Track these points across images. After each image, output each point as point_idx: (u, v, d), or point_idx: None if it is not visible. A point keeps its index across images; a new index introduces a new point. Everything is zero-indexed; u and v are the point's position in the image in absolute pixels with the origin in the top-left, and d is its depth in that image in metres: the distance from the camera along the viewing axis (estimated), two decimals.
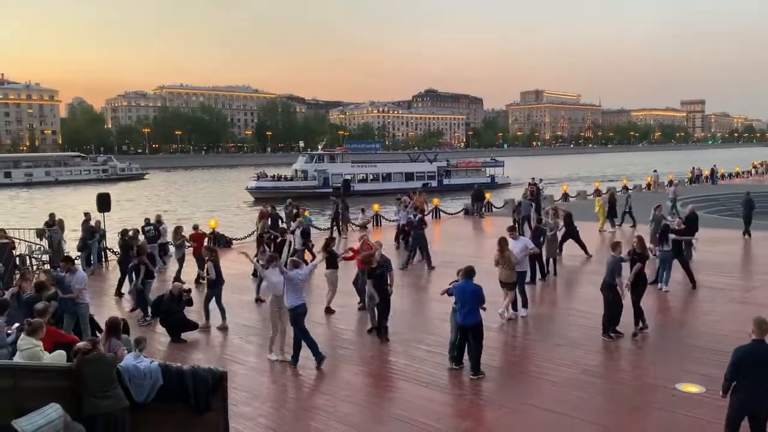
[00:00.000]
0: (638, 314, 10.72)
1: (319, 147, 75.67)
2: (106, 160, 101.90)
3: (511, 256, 11.62)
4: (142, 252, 13.38)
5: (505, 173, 70.97)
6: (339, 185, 58.64)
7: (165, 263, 18.23)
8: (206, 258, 12.62)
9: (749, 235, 20.85)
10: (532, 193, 28.26)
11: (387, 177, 64.25)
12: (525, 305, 12.28)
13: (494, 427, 7.49)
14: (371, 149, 78.34)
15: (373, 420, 7.77)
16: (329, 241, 13.32)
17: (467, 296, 9.06)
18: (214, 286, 12.11)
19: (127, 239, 15.64)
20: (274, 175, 62.84)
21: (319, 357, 9.58)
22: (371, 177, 64.40)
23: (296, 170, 63.60)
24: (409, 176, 64.47)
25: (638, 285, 10.67)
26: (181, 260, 16.81)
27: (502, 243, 11.70)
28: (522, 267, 12.08)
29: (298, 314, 9.54)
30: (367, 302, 11.44)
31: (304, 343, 9.61)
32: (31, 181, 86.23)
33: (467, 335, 9.16)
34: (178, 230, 17.35)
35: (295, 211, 22.26)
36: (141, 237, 16.25)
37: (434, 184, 63.89)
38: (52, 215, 19.41)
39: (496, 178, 69.21)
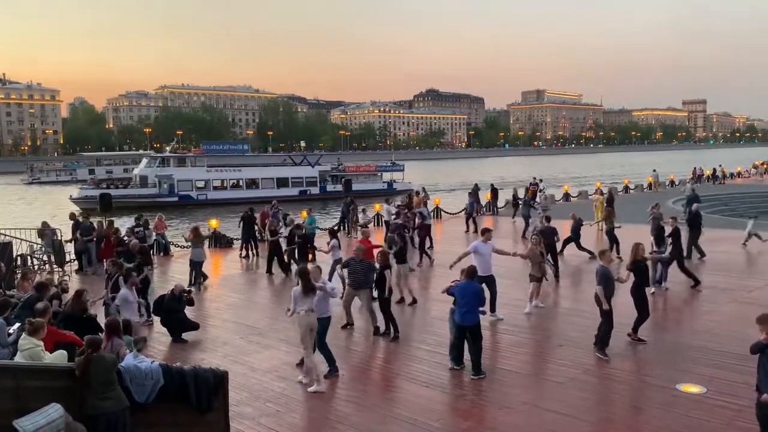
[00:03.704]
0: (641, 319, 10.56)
1: (168, 149, 66.82)
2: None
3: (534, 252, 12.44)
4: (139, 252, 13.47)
5: (406, 178, 64.90)
6: (187, 193, 53.23)
7: (151, 264, 18.26)
8: (113, 274, 11.50)
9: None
10: (533, 192, 28.28)
11: (253, 183, 56.46)
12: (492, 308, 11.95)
13: (495, 427, 7.48)
14: (236, 151, 68.91)
15: (373, 420, 7.77)
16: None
17: (468, 296, 9.04)
18: (122, 305, 10.88)
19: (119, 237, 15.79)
20: (108, 184, 54.89)
21: (333, 372, 9.30)
22: (232, 183, 56.21)
23: (136, 175, 55.59)
24: (282, 182, 56.72)
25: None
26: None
27: (537, 238, 12.98)
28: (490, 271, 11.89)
29: (329, 324, 9.34)
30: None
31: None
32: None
33: (466, 335, 9.16)
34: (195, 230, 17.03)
35: (275, 211, 22.29)
36: (134, 241, 16.08)
37: (315, 191, 57.32)
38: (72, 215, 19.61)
39: (395, 183, 62.67)
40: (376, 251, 12.30)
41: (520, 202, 25.84)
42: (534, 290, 12.56)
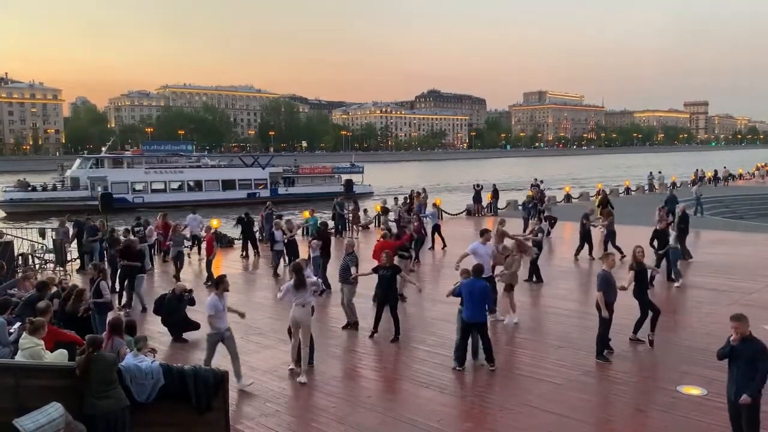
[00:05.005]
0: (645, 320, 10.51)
1: (103, 149, 62.27)
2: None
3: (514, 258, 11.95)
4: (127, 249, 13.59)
5: (366, 180, 61.42)
6: (123, 195, 49.74)
7: (152, 264, 18.31)
8: (95, 279, 10.81)
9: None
10: (535, 195, 28.22)
11: (196, 186, 53.90)
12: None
13: (495, 428, 7.48)
14: (178, 152, 63.10)
15: (373, 420, 7.76)
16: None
17: (476, 294, 9.10)
18: (102, 312, 10.30)
19: (114, 236, 15.87)
20: (35, 186, 51.38)
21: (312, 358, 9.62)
22: (174, 186, 53.09)
23: (68, 177, 52.64)
24: (228, 185, 54.47)
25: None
26: (175, 259, 16.72)
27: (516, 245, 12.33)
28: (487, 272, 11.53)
29: (312, 312, 9.58)
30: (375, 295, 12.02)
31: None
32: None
33: (472, 332, 9.21)
34: (175, 228, 17.44)
35: (268, 213, 22.22)
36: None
37: (265, 193, 52.65)
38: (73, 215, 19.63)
39: (353, 186, 59.36)
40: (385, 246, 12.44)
41: (539, 207, 25.24)
42: (511, 300, 12.02)
